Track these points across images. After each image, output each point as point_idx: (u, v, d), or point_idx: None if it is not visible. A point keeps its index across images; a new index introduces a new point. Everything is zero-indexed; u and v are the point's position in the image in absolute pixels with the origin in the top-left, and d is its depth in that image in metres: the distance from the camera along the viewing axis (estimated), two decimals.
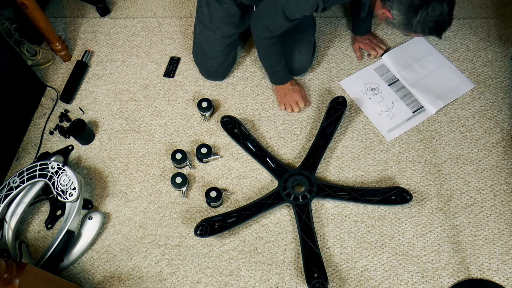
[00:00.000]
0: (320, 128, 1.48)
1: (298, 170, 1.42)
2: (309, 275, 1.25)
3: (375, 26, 1.73)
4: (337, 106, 1.50)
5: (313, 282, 1.23)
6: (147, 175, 1.49)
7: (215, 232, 1.31)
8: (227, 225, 1.33)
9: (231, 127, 1.51)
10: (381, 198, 1.35)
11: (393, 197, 1.35)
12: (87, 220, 1.36)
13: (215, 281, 1.31)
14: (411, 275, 1.28)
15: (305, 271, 1.26)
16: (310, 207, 1.35)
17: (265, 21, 1.34)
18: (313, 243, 1.29)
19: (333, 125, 1.48)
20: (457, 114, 1.53)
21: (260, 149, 1.47)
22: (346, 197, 1.36)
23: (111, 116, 1.62)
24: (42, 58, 1.74)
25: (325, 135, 1.47)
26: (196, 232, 1.31)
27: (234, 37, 1.55)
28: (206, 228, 1.32)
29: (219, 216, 1.35)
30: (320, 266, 1.26)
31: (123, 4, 1.89)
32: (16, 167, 1.54)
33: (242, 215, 1.34)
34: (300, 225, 1.32)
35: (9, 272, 1.00)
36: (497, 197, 1.37)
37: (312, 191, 1.37)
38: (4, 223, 1.34)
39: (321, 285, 1.23)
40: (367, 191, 1.37)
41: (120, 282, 1.32)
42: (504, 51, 1.63)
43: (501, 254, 1.29)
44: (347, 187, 1.39)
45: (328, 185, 1.40)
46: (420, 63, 1.64)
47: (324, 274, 1.25)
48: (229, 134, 1.50)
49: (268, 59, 1.49)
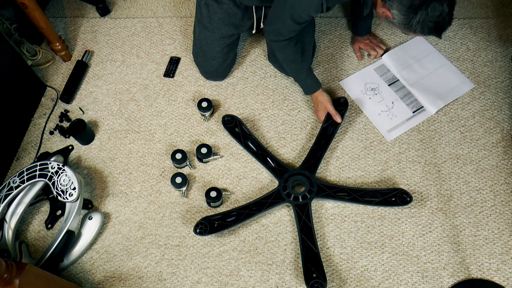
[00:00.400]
0: (321, 129, 1.48)
1: (298, 170, 1.42)
2: (308, 275, 1.25)
3: (375, 26, 1.73)
4: (338, 106, 1.50)
5: (312, 282, 1.23)
6: (147, 175, 1.49)
7: (214, 231, 1.31)
8: (226, 224, 1.33)
9: (232, 126, 1.51)
10: (381, 199, 1.35)
11: (393, 198, 1.35)
12: (87, 220, 1.36)
13: (215, 281, 1.31)
14: (411, 275, 1.28)
15: (304, 271, 1.26)
16: (310, 207, 1.35)
17: (276, 26, 1.35)
18: (312, 243, 1.29)
19: (334, 126, 1.48)
20: (457, 114, 1.53)
21: (261, 148, 1.47)
22: (346, 198, 1.36)
23: (111, 116, 1.62)
24: (42, 58, 1.74)
25: (326, 136, 1.47)
26: (195, 230, 1.31)
27: (233, 38, 1.55)
28: (206, 227, 1.32)
29: (218, 215, 1.35)
30: (319, 266, 1.26)
31: (123, 4, 1.89)
32: (16, 167, 1.54)
33: (242, 214, 1.34)
34: (299, 225, 1.32)
35: (9, 272, 1.00)
36: (497, 197, 1.37)
37: (312, 191, 1.37)
38: (4, 223, 1.34)
39: (320, 285, 1.23)
40: (367, 192, 1.37)
41: (120, 282, 1.32)
42: (504, 51, 1.63)
43: (501, 254, 1.29)
44: (347, 187, 1.39)
45: (328, 185, 1.40)
46: (420, 63, 1.64)
47: (323, 274, 1.25)
48: (230, 133, 1.50)
49: (288, 65, 1.48)
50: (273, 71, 1.66)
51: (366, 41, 1.64)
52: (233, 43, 1.58)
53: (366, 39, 1.64)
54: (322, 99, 1.48)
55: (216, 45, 1.54)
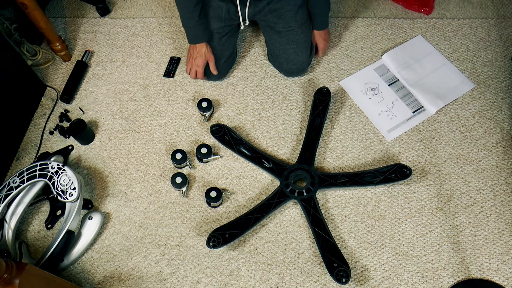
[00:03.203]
0: (309, 121, 1.49)
1: (296, 165, 1.42)
2: (330, 266, 1.25)
3: (375, 26, 1.73)
4: (321, 97, 1.51)
5: (336, 271, 1.24)
6: (147, 175, 1.49)
7: (227, 242, 1.30)
8: (237, 233, 1.32)
9: (221, 135, 1.50)
10: (382, 178, 1.37)
11: (393, 175, 1.37)
12: (87, 220, 1.36)
13: (215, 281, 1.31)
14: (411, 275, 1.28)
15: (325, 262, 1.26)
16: (315, 199, 1.35)
17: None
18: (326, 234, 1.29)
19: (321, 116, 1.49)
20: (457, 114, 1.53)
21: (255, 151, 1.47)
22: (348, 183, 1.38)
23: (111, 116, 1.62)
24: (42, 58, 1.74)
25: (315, 127, 1.48)
26: (208, 244, 1.30)
27: (223, 33, 1.53)
28: (218, 239, 1.30)
29: (228, 225, 1.34)
30: (338, 255, 1.27)
31: (123, 4, 1.90)
32: (16, 167, 1.54)
33: (251, 220, 1.34)
34: (309, 219, 1.32)
35: (9, 272, 1.00)
36: (497, 197, 1.37)
37: (314, 184, 1.37)
38: (4, 223, 1.34)
39: (344, 272, 1.23)
40: (367, 173, 1.39)
41: (120, 282, 1.32)
42: (504, 51, 1.63)
43: (501, 254, 1.29)
44: (347, 173, 1.40)
45: (329, 174, 1.41)
46: (420, 63, 1.64)
47: (344, 262, 1.25)
48: (221, 142, 1.50)
49: (180, 9, 1.44)
50: (273, 71, 1.66)
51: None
52: (227, 40, 1.56)
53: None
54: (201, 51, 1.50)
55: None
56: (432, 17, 1.74)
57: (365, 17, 1.77)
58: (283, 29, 1.51)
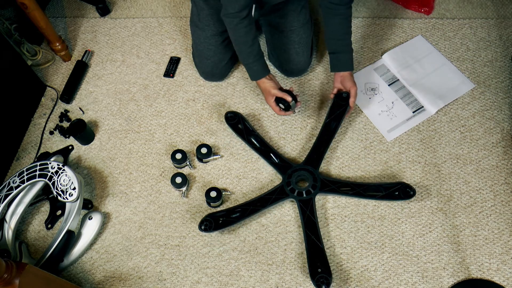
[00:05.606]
0: (324, 124, 1.47)
1: (302, 165, 1.42)
2: (313, 270, 1.25)
3: (375, 26, 1.73)
4: (340, 101, 1.49)
5: (317, 277, 1.23)
6: (147, 175, 1.49)
7: (219, 227, 1.31)
8: (231, 220, 1.33)
9: (235, 122, 1.51)
10: (384, 193, 1.36)
11: (396, 192, 1.36)
12: (87, 220, 1.36)
13: (215, 281, 1.31)
14: (411, 275, 1.28)
15: (309, 266, 1.26)
16: (314, 203, 1.35)
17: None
18: (317, 239, 1.29)
19: (337, 120, 1.47)
20: (457, 114, 1.53)
21: (264, 144, 1.47)
22: (350, 193, 1.37)
23: (111, 116, 1.62)
24: (42, 58, 1.74)
25: (329, 131, 1.46)
26: (200, 227, 1.31)
27: (226, 35, 1.52)
28: (211, 223, 1.31)
29: (223, 211, 1.35)
30: (324, 261, 1.26)
31: (123, 4, 1.90)
32: (16, 167, 1.54)
33: (246, 210, 1.34)
34: (304, 221, 1.32)
35: (9, 272, 1.00)
36: (497, 197, 1.37)
37: (316, 187, 1.37)
38: (4, 223, 1.34)
39: (325, 279, 1.23)
40: (371, 186, 1.37)
41: (120, 282, 1.32)
42: (504, 51, 1.63)
43: (501, 254, 1.29)
44: (351, 182, 1.39)
45: (332, 180, 1.40)
46: (420, 63, 1.64)
47: (328, 269, 1.25)
48: (233, 130, 1.50)
49: (237, 46, 1.40)
50: (273, 71, 1.66)
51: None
52: (229, 43, 1.54)
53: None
54: (264, 87, 1.43)
55: (209, 43, 1.52)
56: (432, 17, 1.74)
57: (365, 17, 1.77)
58: (285, 29, 1.51)
